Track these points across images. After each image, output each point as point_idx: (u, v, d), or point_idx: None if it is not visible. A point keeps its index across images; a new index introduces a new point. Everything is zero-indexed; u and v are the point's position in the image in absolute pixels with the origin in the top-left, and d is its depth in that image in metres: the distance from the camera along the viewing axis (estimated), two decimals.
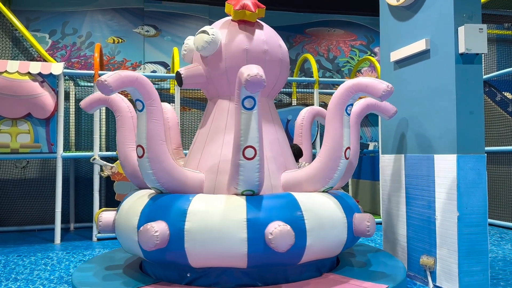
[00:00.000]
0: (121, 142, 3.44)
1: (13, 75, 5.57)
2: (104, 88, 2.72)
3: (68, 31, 7.77)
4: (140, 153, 2.93)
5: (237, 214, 2.76)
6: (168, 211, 2.84)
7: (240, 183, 2.86)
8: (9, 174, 6.95)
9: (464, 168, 3.16)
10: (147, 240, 2.69)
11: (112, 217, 3.31)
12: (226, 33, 3.38)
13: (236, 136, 2.81)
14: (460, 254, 3.14)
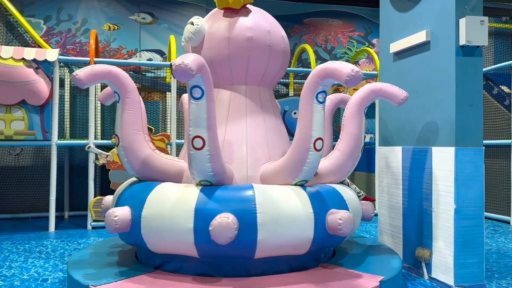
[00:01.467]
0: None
1: (7, 61, 5.49)
2: (77, 82, 2.82)
3: (63, 17, 7.66)
4: (117, 142, 3.13)
5: (187, 204, 2.77)
6: (133, 197, 3.01)
7: (194, 172, 2.86)
8: (3, 161, 6.90)
9: (462, 160, 3.16)
10: (108, 223, 2.87)
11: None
12: (211, 22, 3.40)
13: (187, 126, 2.85)
14: (456, 246, 3.15)
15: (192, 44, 3.43)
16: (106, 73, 2.93)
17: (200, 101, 2.70)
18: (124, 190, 3.19)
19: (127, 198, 3.07)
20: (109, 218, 2.86)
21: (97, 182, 6.89)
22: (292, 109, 6.90)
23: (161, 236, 2.83)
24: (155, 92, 7.62)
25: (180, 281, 2.80)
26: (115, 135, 3.15)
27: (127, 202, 3.02)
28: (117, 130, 3.11)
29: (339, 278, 2.87)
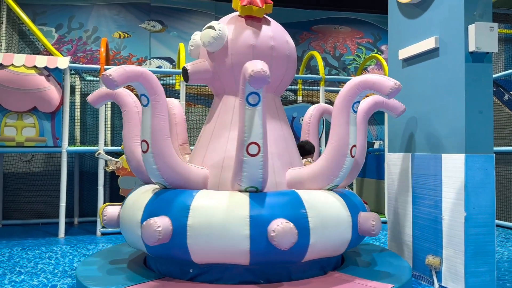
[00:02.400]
0: (126, 137, 3.44)
1: (19, 69, 5.57)
2: (109, 83, 2.70)
3: (75, 26, 7.77)
4: (145, 148, 2.91)
5: (240, 211, 2.73)
6: (171, 206, 2.83)
7: (244, 179, 2.84)
8: (14, 167, 6.98)
9: (472, 167, 3.13)
10: (149, 235, 2.68)
11: (117, 212, 3.31)
12: (232, 29, 3.36)
13: (240, 132, 2.79)
14: (467, 254, 3.11)
15: (212, 49, 3.33)
16: (138, 75, 2.83)
17: (256, 107, 2.73)
18: (154, 199, 2.98)
19: (163, 207, 2.87)
20: (152, 229, 2.66)
21: (107, 188, 6.93)
22: (300, 115, 6.90)
23: (210, 245, 2.72)
24: None
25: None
26: (143, 140, 2.92)
27: (163, 211, 2.82)
28: (146, 136, 2.90)
29: (348, 286, 2.85)
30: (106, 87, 2.78)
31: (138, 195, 3.17)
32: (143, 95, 2.91)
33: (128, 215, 3.09)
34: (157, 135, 2.89)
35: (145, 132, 2.91)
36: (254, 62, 2.68)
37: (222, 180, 3.16)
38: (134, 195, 3.22)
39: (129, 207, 3.12)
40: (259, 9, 3.34)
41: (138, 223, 2.91)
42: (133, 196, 3.23)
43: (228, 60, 3.32)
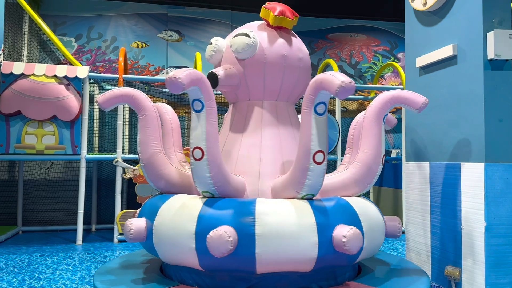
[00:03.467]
0: (145, 143, 3.24)
1: (40, 78, 5.70)
2: (175, 85, 2.64)
3: (94, 36, 7.92)
4: (199, 155, 2.79)
5: (307, 218, 2.77)
6: (234, 215, 2.75)
7: (305, 187, 2.84)
8: (33, 174, 7.11)
9: (492, 177, 3.07)
10: (220, 246, 2.57)
11: (144, 224, 3.04)
12: (265, 38, 3.39)
13: (306, 141, 2.76)
14: (487, 265, 3.05)
15: (244, 56, 3.32)
16: (199, 79, 2.76)
17: (323, 116, 2.79)
18: (208, 208, 2.84)
19: (224, 216, 2.75)
20: (223, 239, 2.57)
21: (124, 195, 7.01)
22: None
23: (279, 254, 2.71)
24: (180, 108, 7.74)
25: None
26: (196, 147, 2.84)
27: (225, 221, 2.72)
28: (200, 143, 2.83)
29: None
30: (171, 90, 2.69)
31: (177, 205, 2.97)
32: (197, 100, 2.81)
33: (173, 227, 2.87)
34: (213, 142, 2.84)
35: (200, 139, 2.80)
36: (335, 74, 2.66)
37: (262, 188, 3.18)
38: (169, 206, 3.00)
39: (171, 218, 2.91)
40: (290, 21, 3.42)
41: (191, 234, 2.75)
42: (168, 207, 2.99)
43: (260, 68, 3.34)
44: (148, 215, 3.07)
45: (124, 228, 3.05)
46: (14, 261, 4.76)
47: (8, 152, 5.67)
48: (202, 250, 2.70)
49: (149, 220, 3.03)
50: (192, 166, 2.85)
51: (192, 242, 2.75)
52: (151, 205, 3.15)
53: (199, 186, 2.93)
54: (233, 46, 3.33)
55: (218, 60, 3.53)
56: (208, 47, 3.56)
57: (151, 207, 3.11)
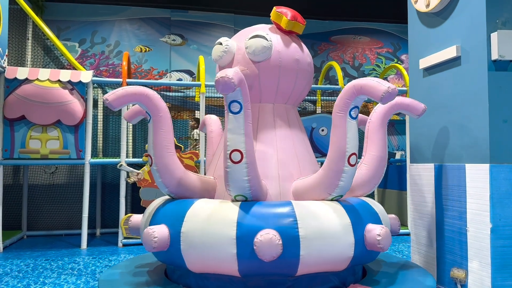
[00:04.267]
0: (160, 146, 3.00)
1: (44, 83, 5.72)
2: (227, 85, 2.59)
3: (97, 40, 7.96)
4: (237, 158, 2.73)
5: (343, 219, 2.79)
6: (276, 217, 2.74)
7: (338, 189, 2.92)
8: (38, 179, 7.13)
9: (498, 178, 3.05)
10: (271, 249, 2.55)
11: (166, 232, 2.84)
12: (280, 41, 3.40)
13: (342, 144, 2.82)
14: (493, 267, 3.02)
15: (260, 58, 3.31)
16: (243, 80, 2.74)
17: (355, 120, 2.80)
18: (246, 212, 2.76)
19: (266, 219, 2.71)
20: (274, 243, 2.55)
21: (128, 199, 7.02)
22: (320, 126, 6.88)
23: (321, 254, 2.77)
24: (184, 111, 7.76)
25: None
26: (235, 149, 2.76)
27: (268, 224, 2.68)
28: (239, 145, 2.75)
29: None
30: (221, 91, 2.63)
31: (208, 210, 2.85)
32: (235, 102, 2.74)
33: (207, 233, 2.75)
34: (251, 144, 2.81)
35: (238, 141, 2.75)
36: (378, 80, 2.71)
37: (283, 190, 3.19)
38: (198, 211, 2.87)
39: (204, 224, 2.79)
40: (302, 26, 3.46)
41: (231, 240, 2.67)
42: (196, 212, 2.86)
43: (275, 71, 3.35)
44: (170, 221, 2.86)
45: (145, 237, 2.75)
46: (19, 265, 4.77)
47: (13, 157, 5.69)
48: (243, 255, 2.63)
49: (172, 227, 2.81)
50: (229, 169, 2.75)
51: (232, 247, 2.65)
52: (172, 210, 2.94)
53: (234, 189, 2.83)
54: (249, 48, 3.30)
55: (228, 61, 3.44)
56: (217, 48, 3.44)
57: (174, 213, 2.90)
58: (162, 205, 3.09)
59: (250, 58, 3.33)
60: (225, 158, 2.77)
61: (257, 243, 2.54)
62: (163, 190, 3.09)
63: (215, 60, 3.49)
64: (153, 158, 2.98)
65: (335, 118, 2.91)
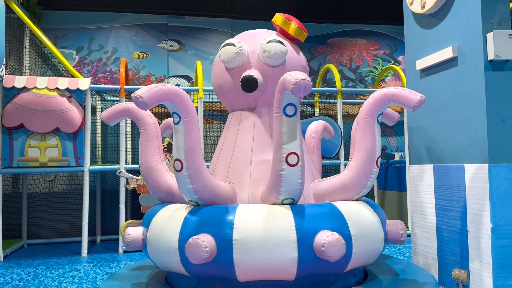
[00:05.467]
0: (192, 150, 2.91)
1: (42, 91, 5.73)
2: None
3: (95, 47, 7.96)
4: (294, 161, 2.74)
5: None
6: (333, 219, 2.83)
7: (365, 189, 3.02)
8: (37, 187, 7.12)
9: (497, 177, 3.05)
10: (339, 251, 2.61)
11: (212, 241, 2.74)
12: (290, 47, 3.42)
13: (371, 146, 2.95)
14: (495, 267, 3.02)
15: (276, 63, 3.31)
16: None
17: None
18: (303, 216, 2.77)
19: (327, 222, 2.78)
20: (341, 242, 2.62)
21: (128, 206, 7.01)
22: None
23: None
24: None
25: None
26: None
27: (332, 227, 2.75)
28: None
29: None
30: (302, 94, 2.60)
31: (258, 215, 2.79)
32: (291, 105, 2.74)
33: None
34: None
35: (295, 144, 2.76)
36: (410, 90, 2.95)
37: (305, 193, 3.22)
38: (247, 217, 2.78)
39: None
40: (305, 35, 3.53)
41: (293, 243, 2.67)
42: (248, 218, 2.77)
43: None
44: (214, 229, 2.74)
45: (193, 247, 2.61)
46: (20, 274, 4.75)
47: (12, 165, 5.69)
48: (305, 258, 2.66)
49: (219, 235, 2.70)
50: (284, 172, 2.73)
51: (294, 250, 2.64)
52: (215, 217, 2.83)
53: (285, 193, 2.82)
54: (269, 52, 3.25)
55: (238, 64, 3.34)
56: (229, 49, 3.31)
57: (217, 220, 2.80)
58: (192, 213, 2.87)
59: (266, 62, 3.31)
60: (278, 161, 2.74)
61: (326, 244, 2.57)
62: (191, 197, 2.87)
63: (225, 61, 3.33)
64: (183, 163, 2.77)
65: (363, 123, 3.06)
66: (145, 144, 3.38)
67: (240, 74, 3.32)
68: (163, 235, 2.87)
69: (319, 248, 2.58)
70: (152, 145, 3.40)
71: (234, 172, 3.27)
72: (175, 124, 2.80)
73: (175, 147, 2.79)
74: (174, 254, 2.77)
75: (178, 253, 2.75)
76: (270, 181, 2.84)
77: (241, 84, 3.26)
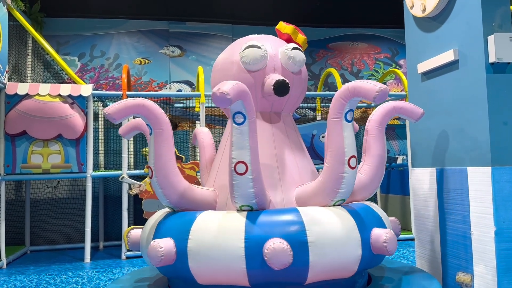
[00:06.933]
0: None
1: (45, 98, 5.75)
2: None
3: (97, 54, 8.00)
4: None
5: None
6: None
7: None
8: (40, 194, 7.13)
9: (500, 180, 3.04)
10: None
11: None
12: None
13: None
14: (499, 270, 3.00)
15: (297, 69, 3.39)
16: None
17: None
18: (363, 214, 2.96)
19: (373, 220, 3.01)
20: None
21: (131, 211, 7.01)
22: (320, 133, 6.88)
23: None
24: (184, 122, 7.77)
25: None
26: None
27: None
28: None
29: None
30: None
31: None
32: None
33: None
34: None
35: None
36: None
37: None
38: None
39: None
40: (306, 46, 3.61)
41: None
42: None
43: (303, 82, 3.50)
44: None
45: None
46: (23, 281, 4.75)
47: (15, 172, 5.70)
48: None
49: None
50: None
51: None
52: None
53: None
54: (294, 59, 3.30)
55: (262, 67, 3.29)
56: (256, 51, 3.25)
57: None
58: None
59: (288, 68, 3.33)
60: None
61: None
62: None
63: (250, 63, 3.26)
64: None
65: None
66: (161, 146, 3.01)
67: (263, 77, 3.28)
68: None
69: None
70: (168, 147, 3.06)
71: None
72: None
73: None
74: None
75: None
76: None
77: (274, 88, 3.20)
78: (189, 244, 2.72)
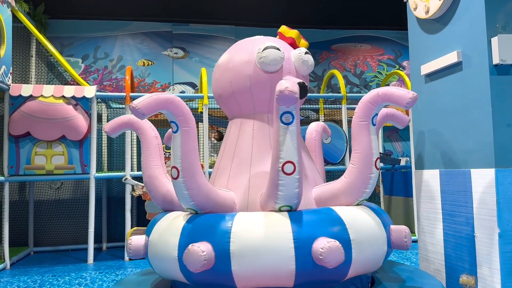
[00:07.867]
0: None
1: (48, 99, 5.77)
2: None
3: (100, 55, 8.03)
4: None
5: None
6: None
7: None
8: (44, 195, 7.15)
9: (504, 182, 3.03)
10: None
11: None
12: None
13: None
14: (503, 272, 2.99)
15: (307, 73, 3.48)
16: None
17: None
18: None
19: None
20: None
21: (134, 213, 7.02)
22: None
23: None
24: None
25: None
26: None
27: None
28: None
29: None
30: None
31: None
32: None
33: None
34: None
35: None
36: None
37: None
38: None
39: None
40: None
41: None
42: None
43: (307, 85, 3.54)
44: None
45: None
46: (26, 282, 4.76)
47: (18, 173, 5.72)
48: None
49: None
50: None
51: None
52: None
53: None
54: (307, 63, 3.36)
55: (278, 68, 3.28)
56: (276, 52, 3.22)
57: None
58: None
59: (299, 71, 3.37)
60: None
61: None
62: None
63: (269, 63, 3.23)
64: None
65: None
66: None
67: (279, 79, 3.10)
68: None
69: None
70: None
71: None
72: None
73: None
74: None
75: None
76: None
77: None
78: (231, 247, 2.61)
